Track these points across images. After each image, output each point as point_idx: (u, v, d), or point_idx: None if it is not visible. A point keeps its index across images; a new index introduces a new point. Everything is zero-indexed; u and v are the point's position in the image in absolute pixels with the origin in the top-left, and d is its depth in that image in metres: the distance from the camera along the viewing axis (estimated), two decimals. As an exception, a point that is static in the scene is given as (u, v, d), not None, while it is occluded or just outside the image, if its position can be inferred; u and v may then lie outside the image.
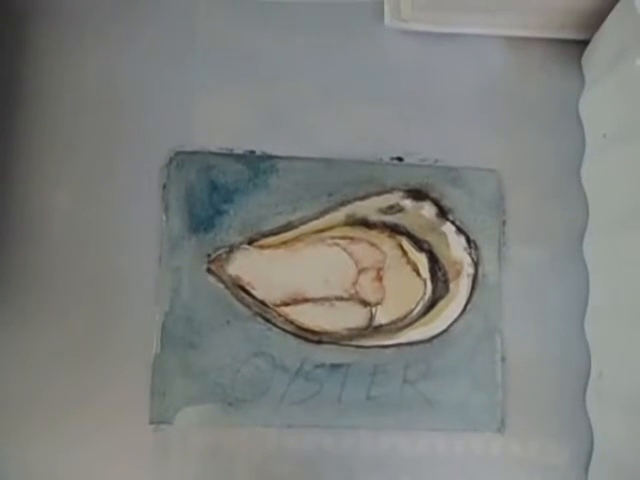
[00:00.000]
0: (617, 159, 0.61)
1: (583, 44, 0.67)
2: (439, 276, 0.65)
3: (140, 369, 0.62)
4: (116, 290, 0.63)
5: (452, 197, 0.66)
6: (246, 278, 0.64)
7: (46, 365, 0.62)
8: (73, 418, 0.61)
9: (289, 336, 0.64)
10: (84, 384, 0.62)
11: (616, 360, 0.60)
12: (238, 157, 0.65)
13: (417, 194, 0.66)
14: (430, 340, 0.64)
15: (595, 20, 0.63)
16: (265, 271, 0.64)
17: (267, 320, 0.64)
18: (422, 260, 0.65)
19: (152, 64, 0.66)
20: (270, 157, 0.66)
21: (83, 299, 0.63)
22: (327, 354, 0.64)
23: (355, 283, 0.65)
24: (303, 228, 0.65)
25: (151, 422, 0.62)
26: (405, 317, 0.65)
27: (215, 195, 0.65)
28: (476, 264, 0.65)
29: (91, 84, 0.65)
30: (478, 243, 0.66)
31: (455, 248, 0.65)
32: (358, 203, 0.66)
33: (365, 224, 0.66)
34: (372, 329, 0.65)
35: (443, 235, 0.66)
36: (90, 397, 0.62)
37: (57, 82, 0.65)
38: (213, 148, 0.65)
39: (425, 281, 0.65)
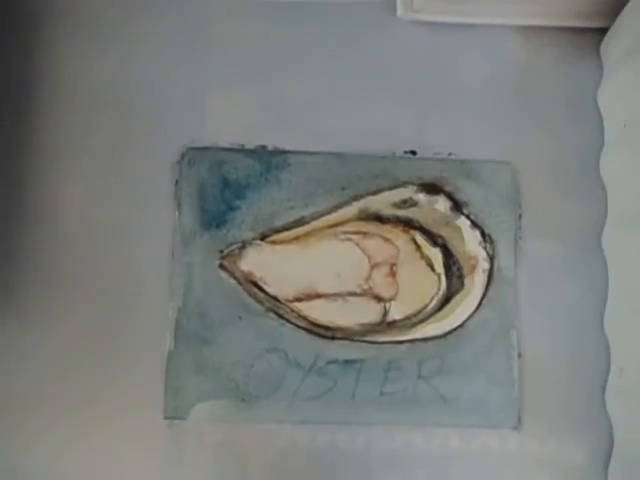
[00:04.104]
0: (638, 150, 0.59)
1: (601, 32, 0.65)
2: (454, 271, 0.64)
3: (154, 365, 0.62)
4: (129, 286, 0.64)
5: (466, 191, 0.65)
6: (258, 274, 0.64)
7: (61, 361, 0.63)
8: (88, 414, 0.62)
9: (302, 332, 0.63)
10: (99, 380, 0.62)
11: (637, 357, 0.59)
12: (249, 152, 0.65)
13: (431, 188, 0.65)
14: (445, 336, 0.64)
15: (614, 7, 0.62)
16: (277, 267, 0.64)
17: (280, 316, 0.64)
18: (436, 255, 0.64)
19: (164, 62, 0.66)
20: (282, 152, 0.65)
21: (96, 295, 0.63)
22: (340, 350, 0.63)
23: (368, 278, 0.64)
24: (315, 223, 0.65)
25: (165, 417, 0.62)
26: (419, 312, 0.64)
27: (227, 191, 0.65)
28: (491, 258, 0.64)
29: (104, 82, 0.66)
30: (493, 237, 0.65)
31: (470, 242, 0.64)
32: (371, 197, 0.65)
33: (378, 219, 0.65)
34: (386, 325, 0.64)
35: (457, 229, 0.65)
36: (105, 393, 0.62)
37: (71, 81, 0.66)
38: (224, 144, 0.65)
39: (439, 276, 0.64)
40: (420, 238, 0.65)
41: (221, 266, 0.64)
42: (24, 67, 0.66)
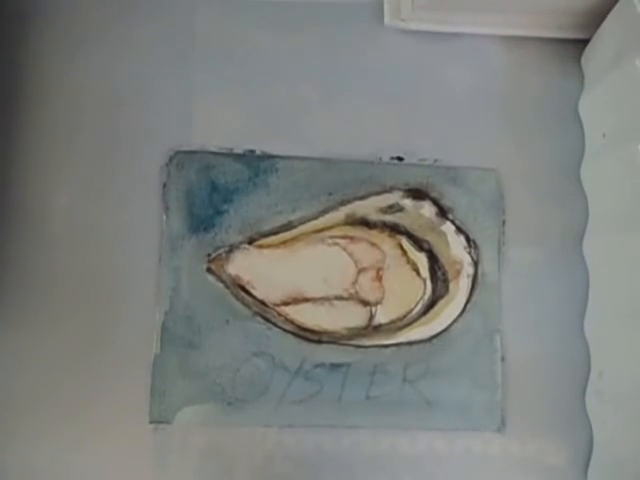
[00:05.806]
0: (617, 159, 0.61)
1: (583, 43, 0.67)
2: (439, 276, 0.65)
3: (140, 369, 0.62)
4: (116, 290, 0.63)
5: (452, 196, 0.66)
6: (246, 278, 0.64)
7: (45, 365, 0.62)
8: (72, 418, 0.61)
9: (289, 336, 0.64)
10: (84, 384, 0.62)
11: (616, 360, 0.60)
12: (238, 157, 0.65)
13: (417, 193, 0.66)
14: (430, 340, 0.64)
15: (595, 19, 0.63)
16: (265, 271, 0.64)
17: (267, 320, 0.64)
18: (422, 260, 0.65)
19: (151, 64, 0.66)
20: (270, 157, 0.65)
21: (83, 299, 0.63)
22: (327, 354, 0.64)
23: (355, 283, 0.65)
24: (303, 228, 0.65)
25: (151, 422, 0.62)
26: (405, 317, 0.65)
27: (215, 195, 0.65)
28: (476, 264, 0.65)
29: (90, 84, 0.66)
30: (478, 242, 0.66)
31: (455, 247, 0.65)
32: (358, 203, 0.66)
33: (365, 224, 0.65)
34: (372, 329, 0.64)
35: (443, 234, 0.66)
36: (90, 397, 0.62)
37: (56, 82, 0.65)
38: (213, 147, 0.65)
39: (425, 281, 0.65)
40: (406, 243, 0.65)
41: (208, 270, 0.64)
42: (8, 68, 0.65)
